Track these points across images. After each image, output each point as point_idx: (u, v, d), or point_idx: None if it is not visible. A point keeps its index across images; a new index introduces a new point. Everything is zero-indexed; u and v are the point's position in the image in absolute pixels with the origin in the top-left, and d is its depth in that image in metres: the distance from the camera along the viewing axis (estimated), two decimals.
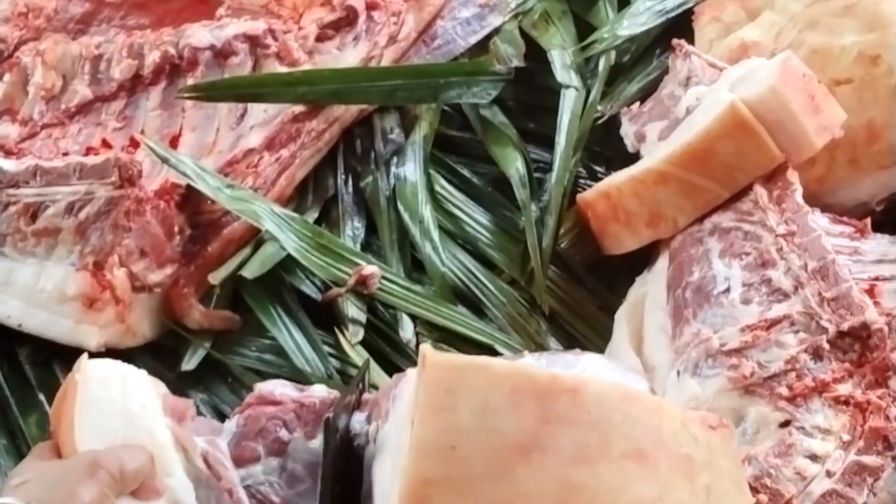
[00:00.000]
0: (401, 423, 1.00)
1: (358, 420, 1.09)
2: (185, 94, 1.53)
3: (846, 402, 1.05)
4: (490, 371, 0.97)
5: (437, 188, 1.53)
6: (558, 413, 0.95)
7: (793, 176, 1.23)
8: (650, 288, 1.28)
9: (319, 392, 1.16)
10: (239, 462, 1.12)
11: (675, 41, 1.46)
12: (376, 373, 1.32)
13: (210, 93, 1.53)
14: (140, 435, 1.06)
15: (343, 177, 1.56)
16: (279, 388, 1.16)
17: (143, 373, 1.15)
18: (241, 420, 1.14)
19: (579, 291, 1.42)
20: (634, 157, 1.41)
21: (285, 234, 1.43)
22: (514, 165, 1.51)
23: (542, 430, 0.94)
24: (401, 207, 1.50)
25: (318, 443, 1.11)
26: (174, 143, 1.53)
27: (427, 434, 0.94)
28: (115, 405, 1.08)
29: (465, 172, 1.56)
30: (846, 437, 1.04)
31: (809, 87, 1.25)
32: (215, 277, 1.42)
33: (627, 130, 1.45)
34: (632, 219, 1.33)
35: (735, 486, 0.99)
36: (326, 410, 1.12)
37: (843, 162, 1.34)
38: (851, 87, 1.33)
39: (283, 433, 1.12)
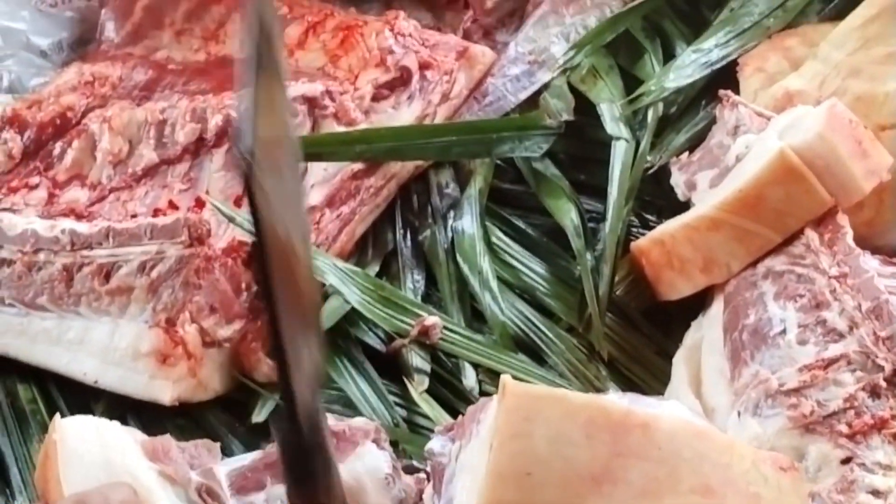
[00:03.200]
0: (481, 445, 1.03)
1: (441, 440, 1.13)
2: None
3: None
4: (567, 402, 1.00)
5: (494, 240, 1.56)
6: (630, 446, 0.98)
7: (843, 219, 1.25)
8: (706, 332, 1.30)
9: (356, 421, 1.20)
10: (242, 491, 1.15)
11: (721, 92, 1.48)
12: (443, 419, 1.35)
13: None
14: (124, 479, 1.09)
15: (402, 231, 1.61)
16: None
17: (115, 423, 1.19)
18: (260, 454, 1.19)
19: (636, 337, 1.44)
20: (685, 206, 1.44)
21: (348, 287, 1.47)
22: (569, 216, 1.55)
23: (614, 463, 0.97)
24: (459, 259, 1.53)
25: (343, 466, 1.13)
26: (238, 202, 1.57)
27: (504, 459, 0.98)
28: (96, 456, 1.11)
29: (521, 224, 1.60)
30: None
31: (856, 132, 1.28)
32: None
33: (678, 180, 1.48)
34: (686, 265, 1.35)
35: None
36: (359, 437, 1.16)
37: (890, 205, 1.35)
38: None
39: None
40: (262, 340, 1.46)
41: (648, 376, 1.40)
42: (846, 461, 1.07)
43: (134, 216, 1.58)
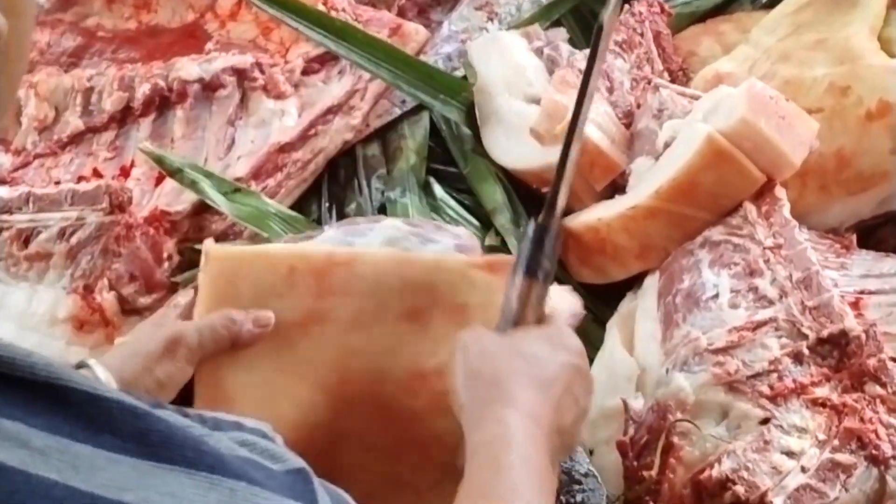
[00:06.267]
0: None
1: None
2: None
3: (823, 405, 1.09)
4: (268, 256, 1.06)
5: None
6: (334, 286, 1.03)
7: (780, 192, 1.28)
8: (640, 302, 1.31)
9: None
10: None
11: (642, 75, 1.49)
12: None
13: None
14: None
15: (327, 204, 1.59)
16: None
17: None
18: None
19: None
20: None
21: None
22: (493, 198, 1.53)
23: (319, 304, 1.03)
24: None
25: None
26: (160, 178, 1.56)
27: None
28: None
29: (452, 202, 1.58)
30: (822, 437, 1.07)
31: (778, 108, 1.29)
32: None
33: None
34: (620, 252, 1.35)
35: None
36: None
37: (813, 188, 1.37)
38: (822, 116, 1.35)
39: None
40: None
41: (584, 341, 1.37)
42: (765, 422, 1.08)
43: (57, 183, 1.56)
